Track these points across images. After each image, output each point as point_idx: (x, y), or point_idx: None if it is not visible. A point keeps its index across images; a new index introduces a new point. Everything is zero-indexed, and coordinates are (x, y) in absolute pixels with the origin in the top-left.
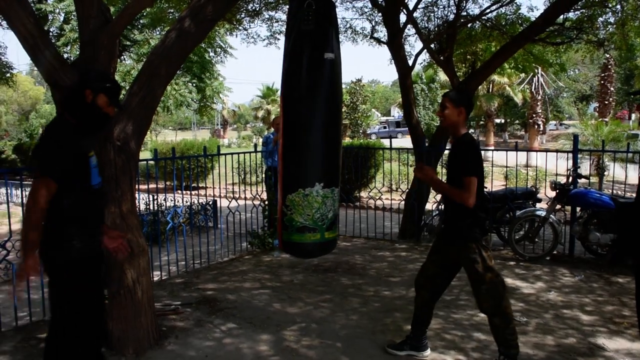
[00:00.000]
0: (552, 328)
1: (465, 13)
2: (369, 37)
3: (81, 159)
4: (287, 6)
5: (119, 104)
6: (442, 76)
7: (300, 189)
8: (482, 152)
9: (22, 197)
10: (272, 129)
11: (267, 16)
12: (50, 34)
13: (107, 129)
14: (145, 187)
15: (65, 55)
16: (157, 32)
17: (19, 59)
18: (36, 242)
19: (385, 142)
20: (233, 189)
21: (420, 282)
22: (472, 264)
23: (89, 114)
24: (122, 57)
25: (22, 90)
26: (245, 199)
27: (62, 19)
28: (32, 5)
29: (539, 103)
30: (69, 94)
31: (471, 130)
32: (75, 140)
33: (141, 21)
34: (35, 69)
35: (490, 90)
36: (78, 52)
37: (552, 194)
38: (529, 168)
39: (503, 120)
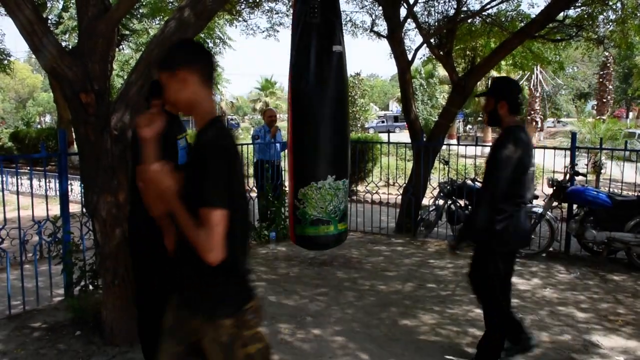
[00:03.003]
0: (547, 325)
1: (465, 8)
2: (368, 30)
3: (168, 142)
4: None
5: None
6: (441, 71)
7: (312, 182)
8: (480, 148)
9: (17, 185)
10: (263, 123)
11: (267, 8)
12: (49, 21)
13: None
14: None
15: (64, 44)
16: (157, 22)
17: (17, 46)
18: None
19: (383, 137)
20: None
21: None
22: (222, 352)
23: None
24: (121, 46)
25: (19, 78)
26: None
27: (60, 6)
28: None
29: (537, 100)
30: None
31: (469, 127)
32: (170, 126)
33: (140, 10)
34: (33, 56)
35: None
36: (76, 40)
37: (549, 191)
38: None
39: None
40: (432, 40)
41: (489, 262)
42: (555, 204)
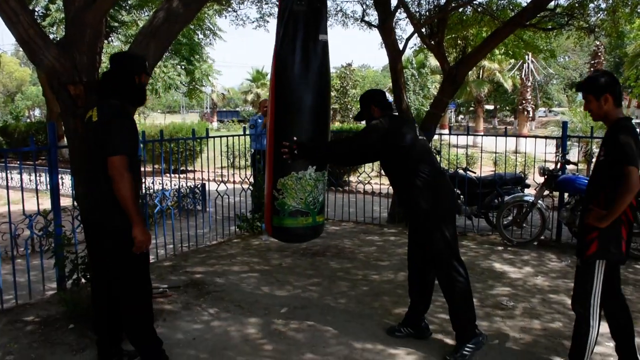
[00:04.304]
0: (539, 312)
1: None
2: (359, 20)
3: (136, 134)
4: None
5: (149, 74)
6: (433, 61)
7: (293, 172)
8: (472, 138)
9: (7, 180)
10: (259, 113)
11: None
12: (36, 13)
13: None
14: None
15: (52, 36)
16: (146, 13)
17: (4, 39)
18: (139, 212)
19: None
20: (222, 172)
21: None
22: None
23: (139, 93)
24: (110, 38)
25: (7, 72)
26: (234, 182)
27: None
28: None
29: (528, 89)
30: (118, 83)
31: (461, 116)
32: (132, 118)
33: (129, 2)
34: (21, 49)
35: (481, 76)
36: (64, 33)
37: (541, 179)
38: (518, 154)
39: (493, 107)
40: (423, 30)
41: (433, 235)
42: (546, 192)
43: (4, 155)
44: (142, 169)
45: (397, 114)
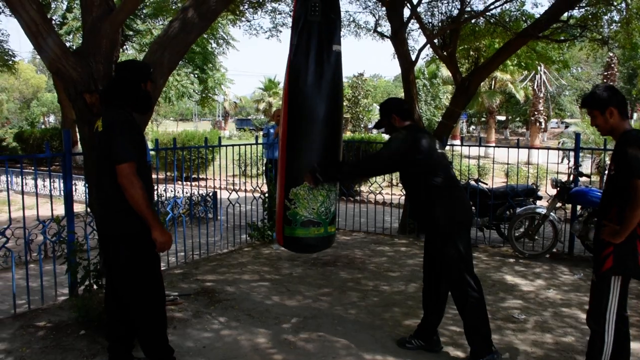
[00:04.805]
0: (551, 326)
1: (469, 9)
2: (372, 31)
3: (142, 140)
4: None
5: (153, 80)
6: (445, 72)
7: (305, 181)
8: (484, 149)
9: (22, 185)
10: (273, 122)
11: (270, 8)
12: (53, 22)
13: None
14: None
15: (68, 44)
16: (160, 22)
17: (21, 46)
18: (156, 215)
19: (387, 137)
20: (233, 180)
21: None
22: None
23: (145, 100)
24: (125, 47)
25: (23, 78)
26: (246, 191)
27: (65, 7)
28: None
29: (541, 101)
30: (124, 91)
31: (472, 127)
32: (136, 125)
33: (144, 11)
34: (38, 57)
35: (493, 87)
36: (81, 41)
37: (553, 191)
38: (530, 165)
39: (505, 117)
40: (435, 41)
41: (446, 247)
42: (559, 204)
43: (19, 161)
44: (154, 176)
45: (415, 124)
